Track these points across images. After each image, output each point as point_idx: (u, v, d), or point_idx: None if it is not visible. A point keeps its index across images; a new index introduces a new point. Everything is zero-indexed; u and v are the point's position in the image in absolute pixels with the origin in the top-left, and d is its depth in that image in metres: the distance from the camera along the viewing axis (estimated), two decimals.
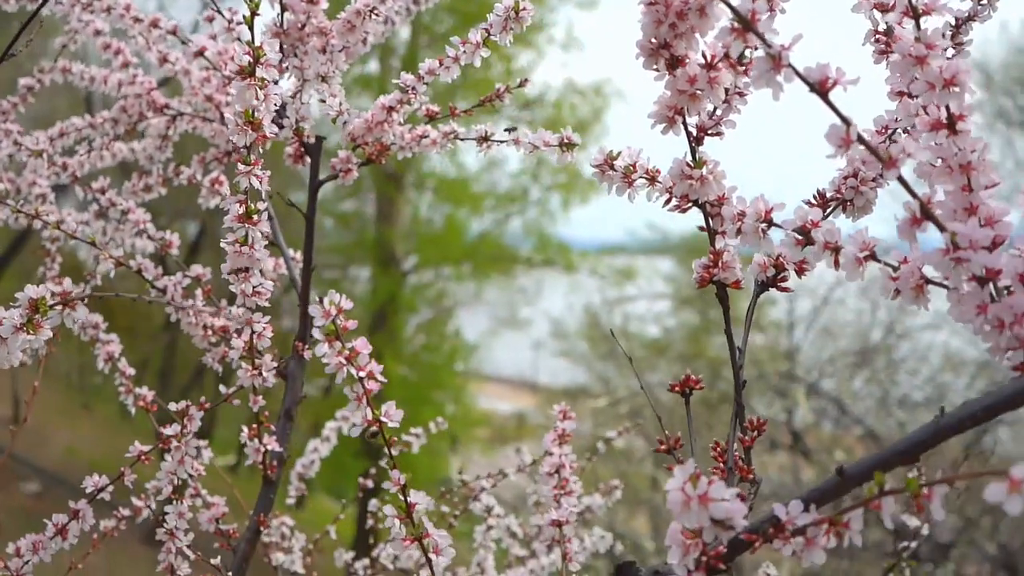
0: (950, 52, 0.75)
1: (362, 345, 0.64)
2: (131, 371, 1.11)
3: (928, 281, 0.56)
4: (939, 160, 0.57)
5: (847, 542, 0.51)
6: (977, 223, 0.52)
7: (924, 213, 0.53)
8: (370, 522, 1.37)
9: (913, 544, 1.18)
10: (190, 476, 0.99)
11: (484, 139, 0.97)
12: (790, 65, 0.51)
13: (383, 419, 0.65)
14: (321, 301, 0.63)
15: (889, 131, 0.72)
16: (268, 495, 1.02)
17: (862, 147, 0.52)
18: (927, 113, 0.56)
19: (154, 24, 1.11)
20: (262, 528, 1.01)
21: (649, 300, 9.46)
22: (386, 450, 0.67)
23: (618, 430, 1.59)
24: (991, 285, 0.53)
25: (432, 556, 0.67)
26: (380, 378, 0.64)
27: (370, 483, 1.47)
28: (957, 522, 6.02)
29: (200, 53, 1.05)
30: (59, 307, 0.68)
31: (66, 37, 1.31)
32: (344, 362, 0.63)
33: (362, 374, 0.64)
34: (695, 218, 0.69)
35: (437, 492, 1.40)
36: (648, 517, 7.13)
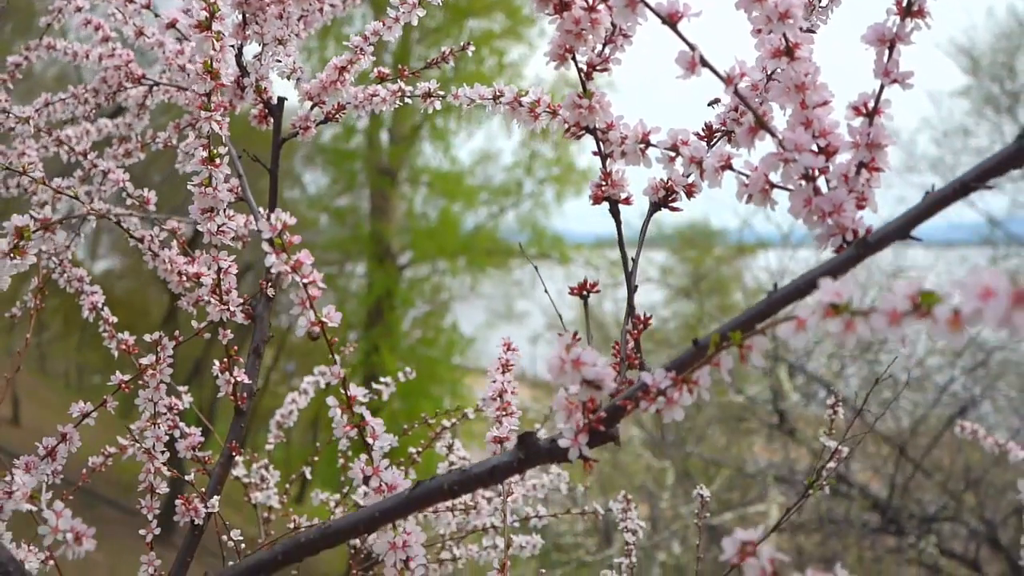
0: (824, 2, 0.86)
1: (305, 256, 0.74)
2: (114, 319, 1.21)
3: (773, 185, 0.66)
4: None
5: (696, 397, 0.61)
6: (803, 131, 0.63)
7: (759, 123, 0.63)
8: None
9: (832, 465, 1.28)
10: (168, 409, 1.10)
11: (428, 95, 1.07)
12: (644, 2, 0.62)
13: (324, 319, 0.75)
14: (269, 218, 0.73)
15: (768, 70, 0.82)
16: (239, 424, 1.12)
17: (706, 68, 0.62)
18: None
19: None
20: (234, 454, 1.11)
21: (639, 284, 9.53)
22: (330, 353, 0.77)
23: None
24: (816, 183, 0.63)
25: (370, 441, 0.77)
26: (321, 284, 0.74)
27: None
28: (941, 496, 6.14)
29: (172, 25, 1.14)
30: (41, 232, 0.78)
31: (50, 16, 1.41)
32: (290, 270, 0.73)
33: (306, 280, 0.74)
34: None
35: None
36: (647, 507, 7.24)
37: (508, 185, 11.91)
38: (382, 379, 1.55)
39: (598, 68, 0.73)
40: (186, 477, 1.05)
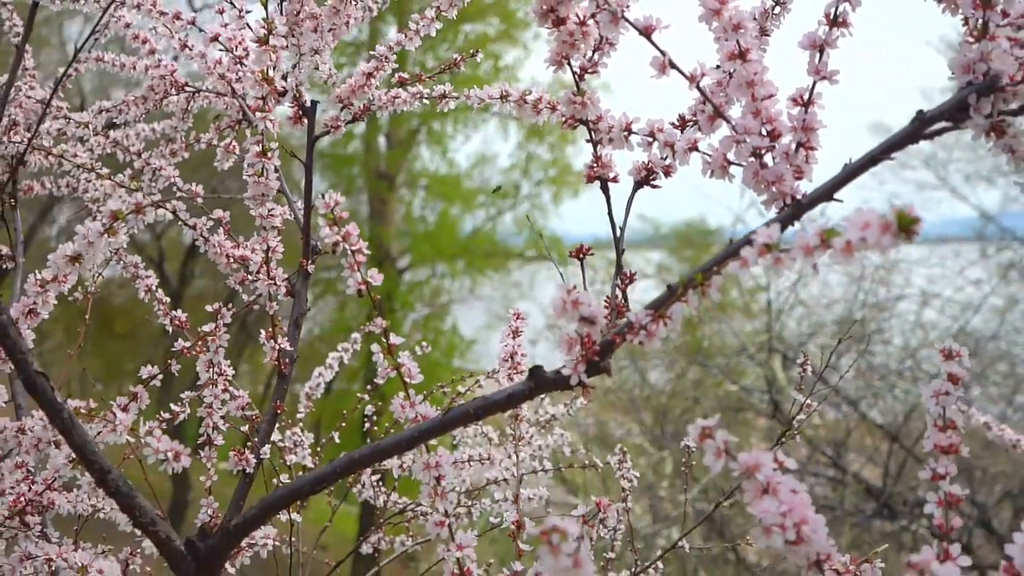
0: (777, 10, 1.02)
1: (353, 228, 0.91)
2: (167, 299, 1.38)
3: (729, 162, 0.82)
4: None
5: (667, 332, 0.77)
6: (752, 119, 0.79)
7: (716, 113, 0.80)
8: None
9: (803, 416, 1.44)
10: (219, 374, 1.26)
11: (443, 96, 1.24)
12: (624, 18, 0.78)
13: (369, 279, 0.91)
14: (323, 196, 0.90)
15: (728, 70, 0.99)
16: (282, 386, 1.28)
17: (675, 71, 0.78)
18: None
19: (176, 16, 1.37)
20: (278, 412, 1.27)
21: (638, 281, 9.70)
22: (373, 307, 0.94)
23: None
24: (764, 159, 0.80)
25: (407, 380, 0.93)
26: (365, 251, 0.91)
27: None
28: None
29: (215, 38, 1.31)
30: (133, 215, 0.94)
31: (99, 32, 1.57)
32: (340, 240, 0.90)
33: (354, 248, 0.90)
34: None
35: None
36: (647, 498, 7.38)
37: (506, 187, 12.06)
38: (401, 352, 1.70)
39: (589, 71, 0.89)
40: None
